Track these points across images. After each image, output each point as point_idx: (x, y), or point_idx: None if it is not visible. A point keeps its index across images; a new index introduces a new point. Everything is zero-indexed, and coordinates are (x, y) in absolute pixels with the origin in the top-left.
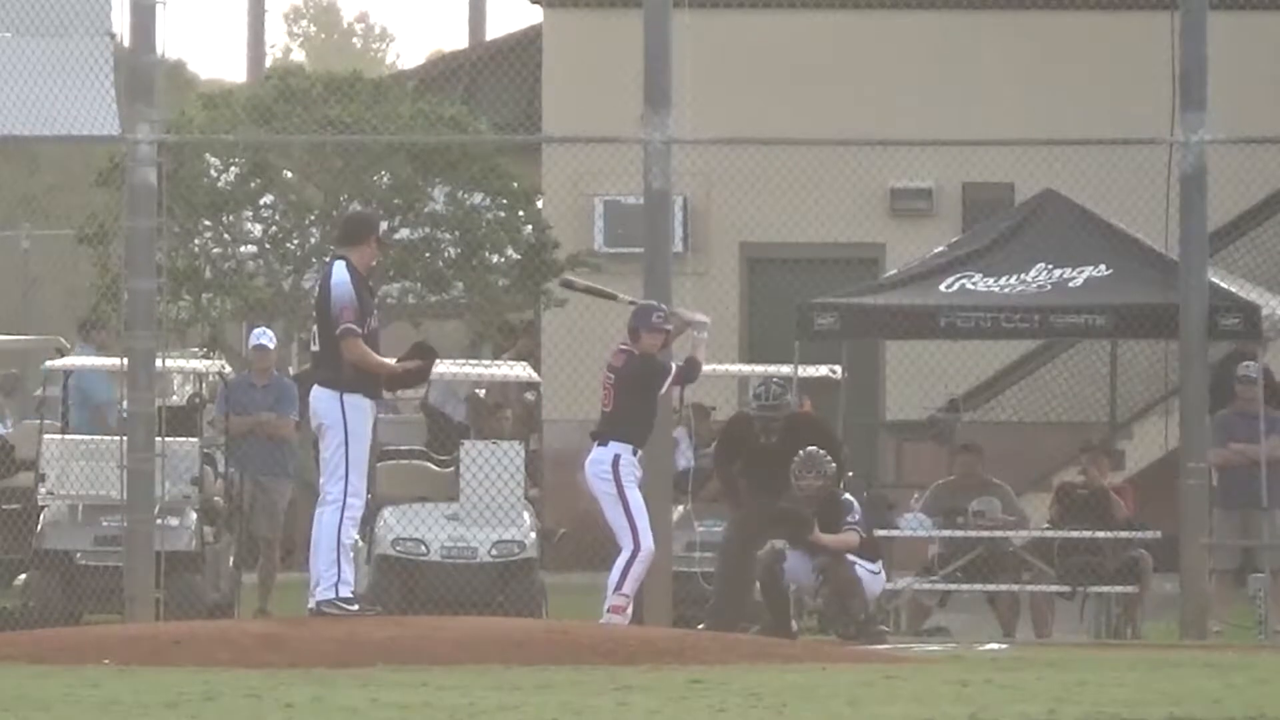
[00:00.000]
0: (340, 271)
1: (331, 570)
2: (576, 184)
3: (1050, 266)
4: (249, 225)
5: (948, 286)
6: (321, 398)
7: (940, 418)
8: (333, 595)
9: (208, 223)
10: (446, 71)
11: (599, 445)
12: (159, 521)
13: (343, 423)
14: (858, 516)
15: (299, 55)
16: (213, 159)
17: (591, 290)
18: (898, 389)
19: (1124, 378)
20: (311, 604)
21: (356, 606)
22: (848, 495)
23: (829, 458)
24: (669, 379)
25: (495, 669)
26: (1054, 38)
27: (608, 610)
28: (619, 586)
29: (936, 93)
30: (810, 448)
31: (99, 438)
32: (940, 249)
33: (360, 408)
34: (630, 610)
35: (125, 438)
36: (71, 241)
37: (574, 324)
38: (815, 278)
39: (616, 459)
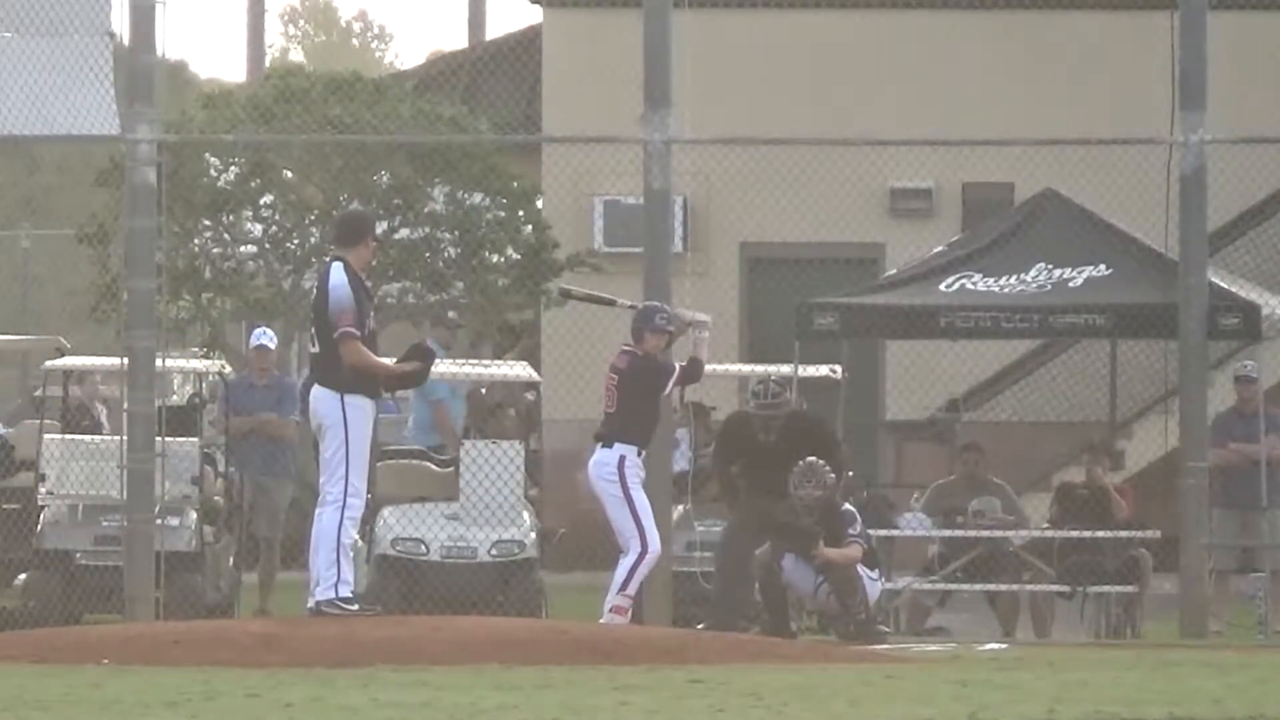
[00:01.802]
0: (338, 274)
1: (331, 570)
2: (576, 184)
3: (1050, 266)
4: (249, 225)
5: (948, 286)
6: (322, 398)
7: (940, 418)
8: (332, 595)
9: (208, 223)
10: (446, 71)
11: (603, 447)
12: (159, 521)
13: (343, 423)
14: (859, 528)
15: (296, 55)
16: (213, 159)
17: (590, 298)
18: (898, 389)
19: (1124, 378)
20: (311, 604)
21: (356, 606)
22: (848, 505)
23: (828, 468)
24: (672, 379)
25: (495, 669)
26: (1054, 38)
27: (609, 610)
28: (623, 587)
29: (937, 93)
30: (810, 458)
31: (98, 437)
32: (940, 249)
33: (361, 408)
34: (630, 611)
35: (125, 438)
36: (71, 241)
37: (574, 324)
38: (815, 278)
39: (622, 460)
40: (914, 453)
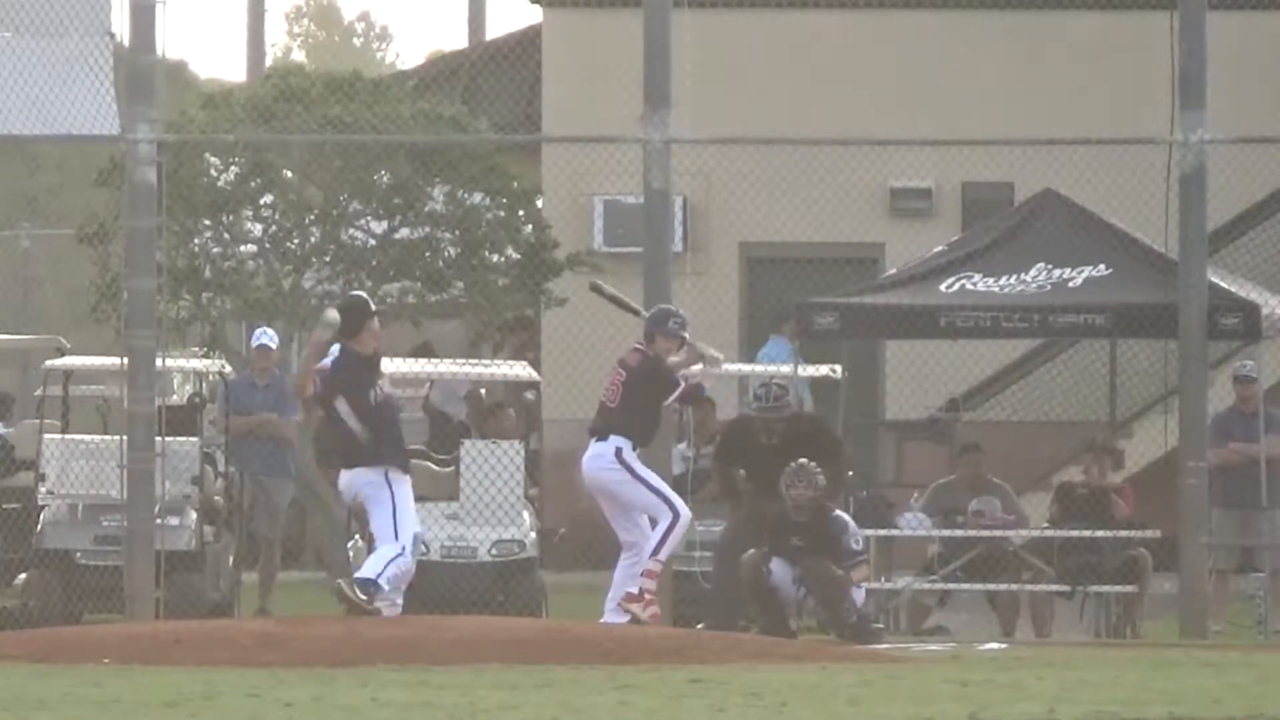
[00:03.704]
0: (332, 354)
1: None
2: (576, 184)
3: (1050, 266)
4: (249, 225)
5: (948, 286)
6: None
7: (940, 418)
8: (373, 576)
9: (208, 222)
10: (446, 71)
11: (597, 440)
12: (159, 521)
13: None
14: (860, 543)
15: (299, 55)
16: (213, 159)
17: (616, 300)
18: (898, 389)
19: (1124, 377)
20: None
21: (376, 605)
22: (839, 512)
23: (819, 470)
24: (676, 393)
25: (495, 669)
26: (1054, 38)
27: (641, 574)
28: (655, 552)
29: (936, 93)
30: (801, 460)
31: (98, 437)
32: (940, 249)
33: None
34: (658, 575)
35: (125, 437)
36: (71, 241)
37: (574, 324)
38: (815, 278)
39: (619, 450)
40: (914, 453)
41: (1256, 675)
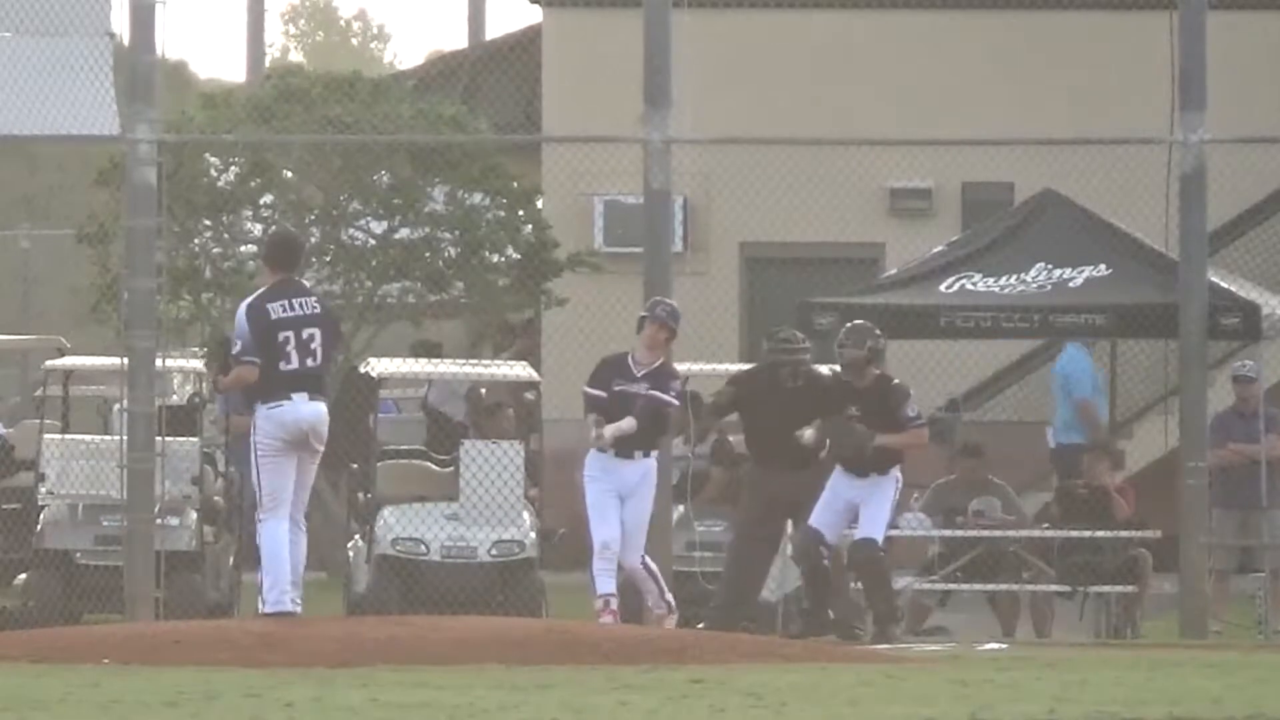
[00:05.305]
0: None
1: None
2: (576, 184)
3: (1050, 266)
4: (249, 225)
5: (948, 286)
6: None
7: (940, 418)
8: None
9: (208, 223)
10: (446, 71)
11: None
12: (159, 521)
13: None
14: (916, 410)
15: (296, 55)
16: (213, 159)
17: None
18: None
19: (1124, 378)
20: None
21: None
22: (898, 381)
23: (878, 331)
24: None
25: (495, 669)
26: (1054, 38)
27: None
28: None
29: (936, 93)
30: (859, 321)
31: (98, 437)
32: (940, 249)
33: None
34: (607, 606)
35: (124, 437)
36: (71, 241)
37: (574, 324)
38: (815, 278)
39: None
40: (914, 452)
41: (1256, 675)
